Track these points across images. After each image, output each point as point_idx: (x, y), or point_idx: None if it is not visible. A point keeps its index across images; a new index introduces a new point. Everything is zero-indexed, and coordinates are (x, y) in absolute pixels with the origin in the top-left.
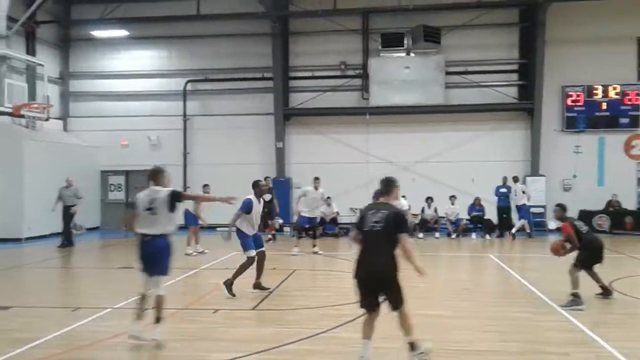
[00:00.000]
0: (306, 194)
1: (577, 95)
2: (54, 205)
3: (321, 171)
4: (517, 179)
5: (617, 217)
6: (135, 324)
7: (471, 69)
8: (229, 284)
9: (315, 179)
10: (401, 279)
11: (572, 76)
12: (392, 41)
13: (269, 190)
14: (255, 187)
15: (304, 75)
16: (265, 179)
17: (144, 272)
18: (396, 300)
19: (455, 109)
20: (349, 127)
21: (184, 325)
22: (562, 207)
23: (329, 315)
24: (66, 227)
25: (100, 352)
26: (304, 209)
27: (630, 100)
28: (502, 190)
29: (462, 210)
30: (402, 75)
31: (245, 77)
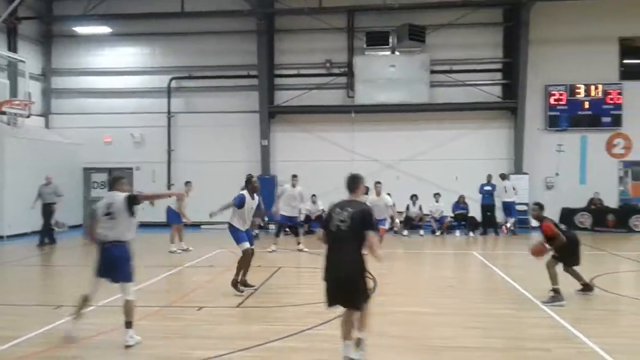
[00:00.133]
0: (284, 192)
1: (560, 94)
2: (33, 203)
3: (306, 169)
4: (505, 176)
5: (599, 214)
6: (71, 323)
7: (456, 67)
8: (234, 284)
9: (293, 177)
10: (367, 279)
11: (555, 75)
12: (377, 40)
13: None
14: (248, 184)
15: (290, 73)
16: (248, 175)
17: (100, 277)
18: (360, 300)
19: (439, 108)
20: (334, 125)
21: (167, 322)
22: (540, 206)
23: (314, 312)
24: (46, 225)
25: (82, 350)
26: (283, 207)
27: (612, 99)
28: (486, 188)
29: (446, 208)
30: (387, 73)
31: (230, 74)
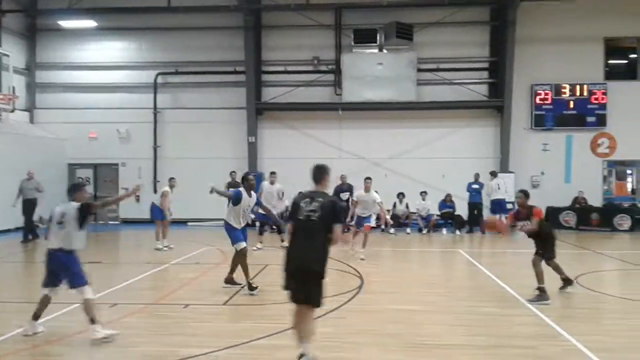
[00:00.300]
0: (261, 189)
1: (546, 93)
2: (15, 199)
3: (293, 166)
4: (495, 173)
5: (583, 213)
6: (30, 324)
7: (443, 66)
8: (248, 284)
9: (271, 174)
10: (326, 277)
11: (541, 75)
12: (364, 37)
13: (237, 185)
14: (244, 181)
15: (277, 69)
16: (230, 173)
17: (48, 286)
18: (316, 297)
19: (426, 106)
20: (322, 122)
21: (153, 320)
22: (525, 194)
23: None
24: (28, 221)
25: (68, 347)
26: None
27: (597, 99)
28: (474, 186)
29: (433, 206)
30: (374, 71)
31: (217, 70)
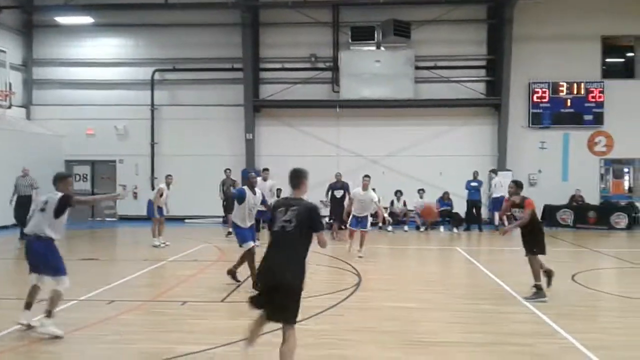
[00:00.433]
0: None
1: (543, 91)
2: (12, 196)
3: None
4: (495, 171)
5: (580, 211)
6: (23, 313)
7: (440, 64)
8: (254, 283)
9: (263, 170)
10: (303, 292)
11: (538, 73)
12: (362, 34)
13: (233, 183)
14: (246, 179)
15: (275, 67)
16: (225, 171)
17: (33, 272)
18: (291, 314)
19: (424, 104)
20: (320, 119)
21: (150, 317)
22: (517, 184)
23: None
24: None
25: (63, 344)
26: None
27: (594, 97)
28: (473, 184)
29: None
30: (372, 68)
31: (214, 67)
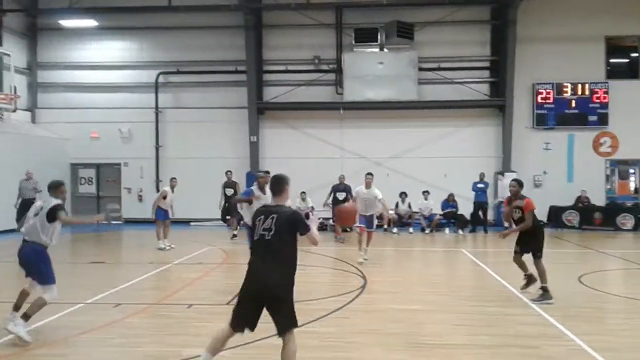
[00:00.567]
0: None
1: (547, 92)
2: (17, 200)
3: (296, 166)
4: (502, 173)
5: (586, 212)
6: (11, 313)
7: (444, 65)
8: None
9: (264, 173)
10: (294, 298)
11: (543, 74)
12: (365, 36)
13: (232, 184)
14: (255, 180)
15: (278, 69)
16: (226, 172)
17: (28, 276)
18: (286, 321)
19: (428, 105)
20: (323, 121)
21: (156, 320)
22: (519, 183)
23: (303, 310)
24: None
25: (71, 347)
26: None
27: (598, 98)
28: (479, 185)
29: (435, 205)
30: (375, 70)
31: (218, 70)
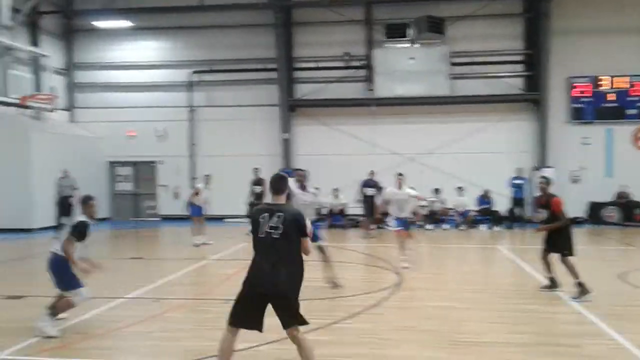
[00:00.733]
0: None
1: (584, 86)
2: (55, 197)
3: (327, 163)
4: (538, 169)
5: (627, 208)
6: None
7: (476, 59)
8: (330, 282)
9: (294, 170)
10: (301, 293)
11: (579, 67)
12: (396, 32)
13: (260, 181)
14: (292, 176)
15: (308, 66)
16: (254, 170)
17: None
18: (292, 320)
19: (460, 100)
20: (355, 118)
21: (195, 315)
22: (547, 180)
23: (338, 306)
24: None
25: (115, 340)
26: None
27: (636, 91)
28: (517, 181)
29: (470, 201)
30: (406, 66)
31: (249, 67)
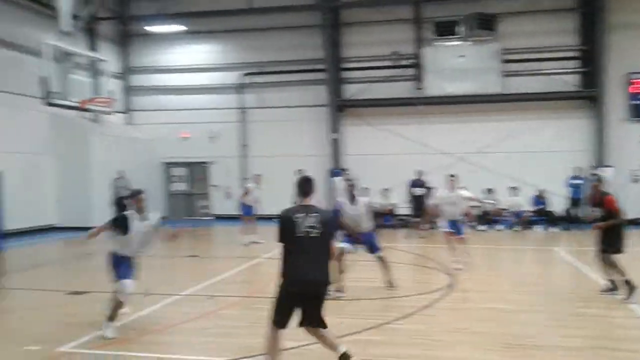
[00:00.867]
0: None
1: None
2: (112, 197)
3: (376, 162)
4: (598, 167)
5: None
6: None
7: (529, 56)
8: (387, 283)
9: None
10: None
11: (638, 63)
12: (445, 29)
13: None
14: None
15: (357, 66)
16: (297, 171)
17: None
18: (320, 315)
19: (513, 98)
20: (403, 117)
21: (249, 312)
22: (599, 178)
23: (390, 306)
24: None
25: (169, 336)
26: None
27: None
28: (575, 181)
29: (524, 201)
30: (457, 64)
31: (298, 69)
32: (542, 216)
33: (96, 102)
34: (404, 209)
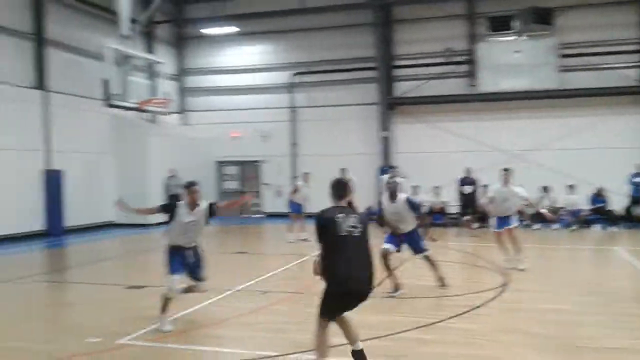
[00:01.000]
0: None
1: None
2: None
3: (427, 160)
4: None
5: None
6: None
7: (588, 50)
8: (439, 280)
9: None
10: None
11: None
12: (499, 25)
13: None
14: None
15: (408, 63)
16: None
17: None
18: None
19: (571, 94)
20: (457, 115)
21: (300, 308)
22: None
23: (442, 305)
24: None
25: (225, 329)
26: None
27: None
28: (637, 179)
29: (582, 200)
30: (511, 59)
31: (348, 67)
32: (601, 215)
33: (153, 103)
34: (455, 207)
